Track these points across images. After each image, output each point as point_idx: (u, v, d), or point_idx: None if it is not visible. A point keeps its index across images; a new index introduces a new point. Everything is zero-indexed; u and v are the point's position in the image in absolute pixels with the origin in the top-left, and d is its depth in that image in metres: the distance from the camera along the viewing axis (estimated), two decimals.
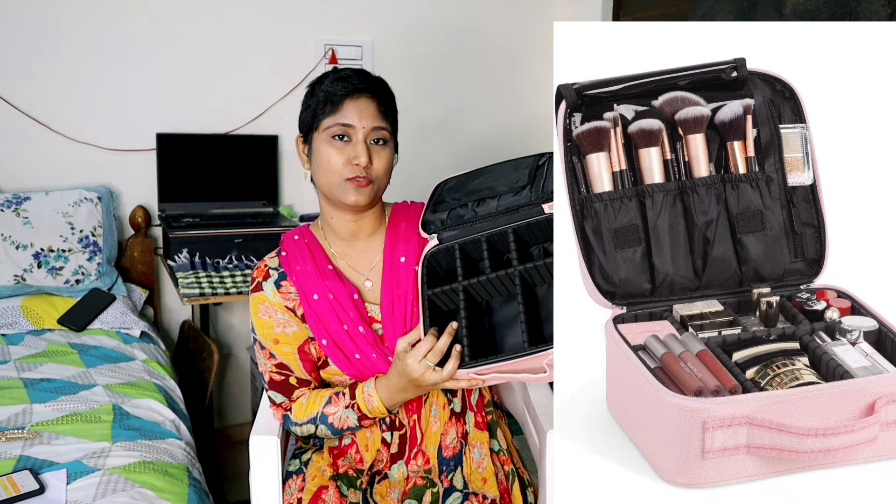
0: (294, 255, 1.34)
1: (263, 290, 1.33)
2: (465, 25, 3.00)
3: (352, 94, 1.27)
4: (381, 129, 1.28)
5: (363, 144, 1.26)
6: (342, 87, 1.27)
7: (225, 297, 2.20)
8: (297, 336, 1.32)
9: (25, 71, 2.44)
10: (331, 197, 1.31)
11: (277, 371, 1.33)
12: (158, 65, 2.59)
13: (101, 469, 1.47)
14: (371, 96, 1.28)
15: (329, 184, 1.28)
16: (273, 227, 2.50)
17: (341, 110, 1.27)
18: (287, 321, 1.32)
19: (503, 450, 1.42)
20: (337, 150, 1.27)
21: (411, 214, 1.39)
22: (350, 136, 1.27)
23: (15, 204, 2.33)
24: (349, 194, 1.27)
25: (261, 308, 1.33)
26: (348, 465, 1.35)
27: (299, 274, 1.32)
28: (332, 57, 2.77)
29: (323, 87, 1.29)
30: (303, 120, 1.33)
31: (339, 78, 1.29)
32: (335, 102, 1.27)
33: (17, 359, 1.99)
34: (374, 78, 1.31)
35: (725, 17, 2.19)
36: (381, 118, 1.28)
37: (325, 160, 1.27)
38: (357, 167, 1.25)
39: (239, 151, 2.66)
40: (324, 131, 1.28)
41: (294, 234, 1.39)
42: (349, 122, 1.26)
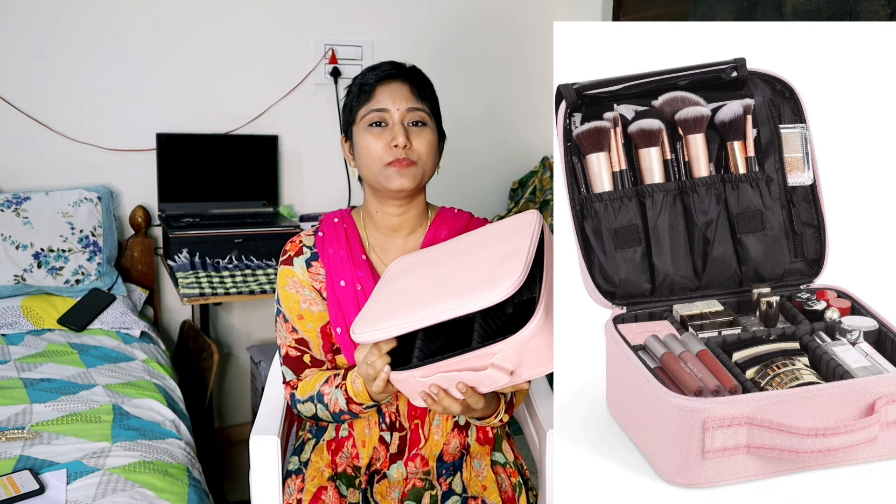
0: (330, 237, 1.34)
1: (294, 265, 1.33)
2: (465, 25, 3.00)
3: (383, 79, 1.28)
4: (416, 109, 1.28)
5: (400, 126, 1.26)
6: (373, 76, 1.29)
7: (225, 297, 2.20)
8: (322, 315, 1.32)
9: (25, 71, 2.44)
10: (376, 186, 1.30)
11: (296, 346, 1.33)
12: (158, 65, 2.59)
13: (101, 469, 1.47)
14: (403, 80, 1.29)
15: (372, 172, 1.28)
16: (273, 227, 2.50)
17: (374, 97, 1.27)
18: (313, 299, 1.32)
19: (510, 462, 1.40)
20: (375, 136, 1.27)
21: (455, 224, 1.38)
22: (386, 120, 1.27)
23: (15, 204, 2.33)
24: (392, 179, 1.26)
25: (289, 282, 1.33)
26: (346, 461, 1.35)
27: (331, 257, 1.32)
28: (332, 57, 2.77)
29: (356, 81, 1.32)
30: (343, 118, 1.34)
31: (370, 69, 1.31)
32: (368, 91, 1.28)
33: (17, 359, 1.99)
34: (406, 65, 1.33)
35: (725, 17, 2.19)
36: (415, 99, 1.28)
37: (365, 148, 1.27)
38: (396, 149, 1.25)
39: (239, 151, 2.66)
40: (361, 121, 1.28)
41: (334, 216, 1.38)
42: (383, 106, 1.27)
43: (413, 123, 1.28)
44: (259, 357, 2.57)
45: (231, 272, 2.31)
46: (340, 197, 2.86)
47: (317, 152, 2.82)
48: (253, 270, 2.34)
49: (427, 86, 1.33)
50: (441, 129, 1.34)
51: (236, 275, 2.30)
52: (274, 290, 2.20)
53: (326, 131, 2.82)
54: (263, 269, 2.36)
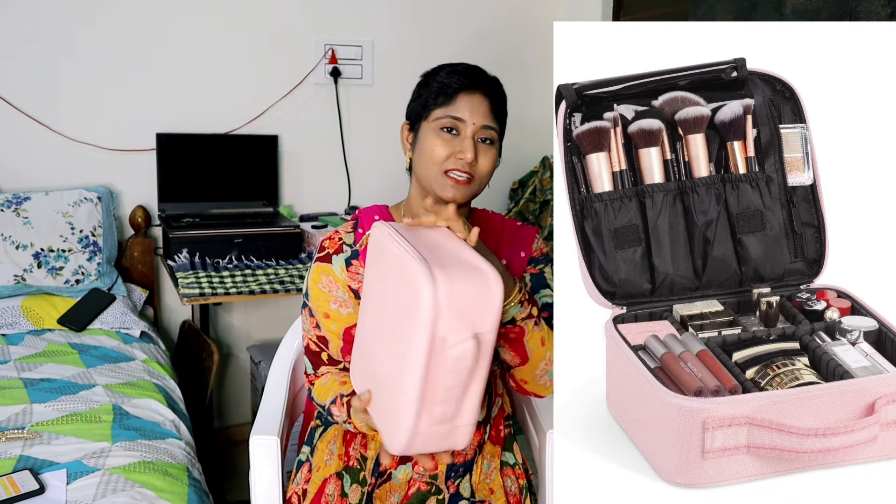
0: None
1: (332, 263, 1.31)
2: (465, 25, 3.00)
3: (467, 88, 1.26)
4: (490, 128, 1.26)
5: (471, 140, 1.24)
6: (458, 81, 1.27)
7: (225, 297, 2.20)
8: (349, 317, 1.30)
9: (25, 71, 2.44)
10: (427, 189, 1.28)
11: (317, 343, 1.32)
12: (158, 65, 2.58)
13: (101, 469, 1.47)
14: (485, 94, 1.27)
15: (428, 174, 1.26)
16: (273, 227, 2.50)
17: (454, 103, 1.25)
18: (345, 301, 1.30)
19: (518, 464, 1.40)
20: (444, 141, 1.25)
21: (491, 223, 1.37)
22: (459, 129, 1.25)
23: (15, 204, 2.33)
24: (447, 190, 1.24)
25: (323, 279, 1.31)
26: (357, 452, 1.34)
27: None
28: (332, 57, 2.77)
29: (438, 79, 1.29)
30: (412, 108, 1.32)
31: (455, 71, 1.29)
32: (449, 94, 1.26)
33: (17, 359, 1.99)
34: (490, 76, 1.31)
35: (725, 16, 2.19)
36: (491, 118, 1.26)
37: (430, 150, 1.25)
38: (461, 161, 1.24)
39: (239, 151, 2.66)
40: (433, 121, 1.26)
41: (374, 212, 1.36)
42: (460, 115, 1.25)
43: (483, 140, 1.26)
44: (259, 357, 2.57)
45: (231, 272, 2.31)
46: (340, 197, 2.86)
47: (317, 152, 2.82)
48: (253, 270, 2.34)
49: (503, 102, 1.31)
50: (501, 146, 1.31)
51: (236, 275, 2.30)
52: (274, 289, 2.22)
53: (326, 131, 2.82)
54: (263, 269, 2.36)
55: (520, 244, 1.36)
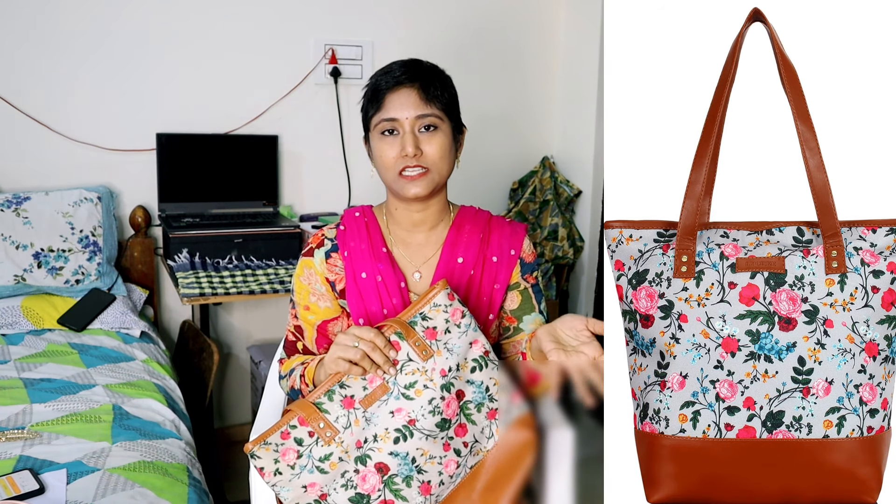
0: (352, 231, 1.36)
1: (314, 256, 1.35)
2: (465, 26, 3.00)
3: (392, 86, 1.28)
4: (425, 115, 1.27)
5: (410, 135, 1.26)
6: (384, 82, 1.29)
7: (225, 297, 2.20)
8: (327, 311, 1.34)
9: (25, 71, 2.44)
10: (394, 194, 1.32)
11: (294, 332, 1.37)
12: (159, 65, 2.58)
13: (101, 469, 1.47)
14: (412, 85, 1.28)
15: (387, 180, 1.30)
16: (273, 227, 2.50)
17: (385, 105, 1.27)
18: (323, 294, 1.34)
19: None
20: (388, 145, 1.27)
21: (477, 220, 1.38)
22: (396, 128, 1.27)
23: (15, 204, 2.33)
24: (406, 188, 1.27)
25: (305, 273, 1.35)
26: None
27: (353, 250, 1.33)
28: (332, 57, 2.77)
29: (370, 84, 1.31)
30: (362, 121, 1.35)
31: (381, 73, 1.31)
32: (379, 98, 1.28)
33: (17, 359, 1.99)
34: (417, 66, 1.31)
35: None
36: (424, 105, 1.27)
37: (379, 157, 1.29)
38: (406, 158, 1.25)
39: (239, 151, 2.66)
40: (375, 128, 1.29)
41: (356, 210, 1.40)
42: (392, 115, 1.27)
43: (424, 129, 1.27)
44: (259, 357, 2.57)
45: (231, 272, 2.31)
46: (340, 197, 2.86)
47: (317, 152, 2.83)
48: (253, 270, 2.34)
49: (438, 85, 1.31)
50: (458, 122, 1.33)
51: (236, 275, 2.30)
52: (274, 289, 2.23)
53: (326, 131, 2.83)
54: (263, 269, 2.36)
55: (510, 242, 1.37)
